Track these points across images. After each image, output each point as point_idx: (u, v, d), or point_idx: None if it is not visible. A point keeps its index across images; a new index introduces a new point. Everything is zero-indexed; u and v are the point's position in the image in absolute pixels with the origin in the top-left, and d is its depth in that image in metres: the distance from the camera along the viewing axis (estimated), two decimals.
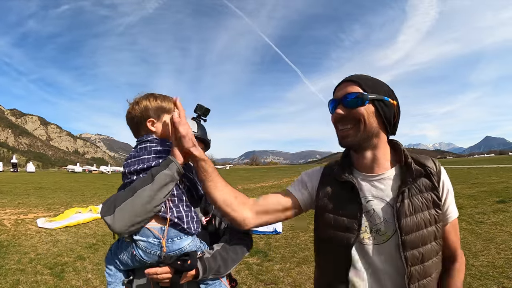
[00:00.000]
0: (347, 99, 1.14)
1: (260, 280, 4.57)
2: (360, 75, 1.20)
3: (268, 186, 21.35)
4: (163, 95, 1.42)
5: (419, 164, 1.16)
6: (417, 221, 1.09)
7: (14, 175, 41.05)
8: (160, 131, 1.38)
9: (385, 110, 1.15)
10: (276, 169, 78.62)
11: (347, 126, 1.17)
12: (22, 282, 4.58)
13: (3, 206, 12.10)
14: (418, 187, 1.13)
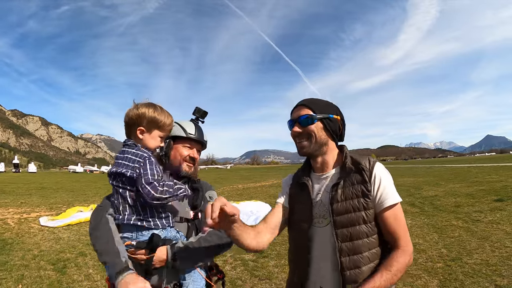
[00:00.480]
0: (301, 119, 1.50)
1: (255, 275, 4.72)
2: (311, 99, 1.55)
3: (268, 185, 21.48)
4: (162, 110, 1.58)
5: (355, 163, 1.45)
6: (346, 206, 1.40)
7: (16, 176, 41.34)
8: (145, 141, 1.56)
9: (331, 125, 1.51)
10: (277, 168, 78.62)
11: (303, 140, 1.52)
12: (26, 277, 4.79)
13: (6, 205, 12.33)
14: (350, 181, 1.43)
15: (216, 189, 2.86)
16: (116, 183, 1.53)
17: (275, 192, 16.81)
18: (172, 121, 1.64)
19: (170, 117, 1.62)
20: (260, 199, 12.67)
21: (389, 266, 1.33)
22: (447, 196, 11.43)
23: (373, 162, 1.45)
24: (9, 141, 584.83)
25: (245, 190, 19.09)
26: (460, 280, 4.16)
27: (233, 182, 26.63)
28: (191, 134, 1.75)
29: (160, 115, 1.55)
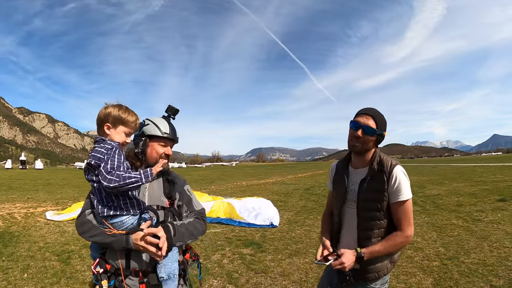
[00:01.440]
0: (367, 129, 1.91)
1: (251, 269, 4.86)
2: (377, 112, 1.97)
3: (271, 183, 21.61)
4: (127, 109, 1.77)
5: (380, 164, 1.92)
6: (368, 197, 1.93)
7: (23, 172, 41.86)
8: (112, 136, 1.73)
9: (380, 139, 1.97)
10: (282, 166, 78.63)
11: (358, 142, 1.95)
12: (31, 267, 5.01)
13: (13, 201, 12.64)
14: (374, 178, 1.92)
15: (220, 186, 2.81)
16: (89, 177, 1.70)
17: (278, 189, 16.95)
18: (136, 120, 1.80)
19: (134, 115, 1.79)
20: (263, 195, 12.79)
21: (388, 239, 1.89)
22: (449, 195, 11.49)
23: (392, 166, 1.90)
24: (16, 138, 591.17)
25: (248, 187, 19.27)
26: (455, 279, 4.18)
27: (237, 179, 26.80)
28: (166, 133, 1.91)
29: (124, 113, 1.73)
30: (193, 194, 2.11)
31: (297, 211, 9.78)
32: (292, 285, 4.25)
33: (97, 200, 1.71)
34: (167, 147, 1.94)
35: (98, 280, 1.78)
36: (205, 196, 11.58)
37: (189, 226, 1.88)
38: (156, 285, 1.77)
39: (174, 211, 1.94)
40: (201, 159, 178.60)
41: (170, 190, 1.94)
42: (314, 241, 6.26)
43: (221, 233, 7.12)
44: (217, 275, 4.65)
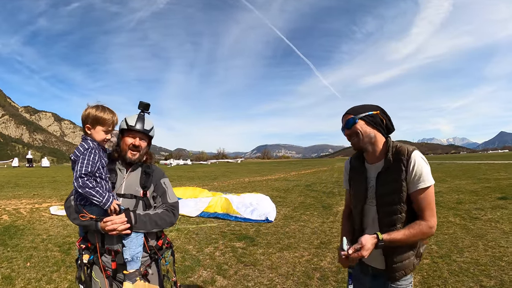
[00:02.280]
0: (347, 124, 1.87)
1: (241, 261, 5.08)
2: (352, 107, 1.92)
3: (274, 179, 21.85)
4: (104, 109, 2.01)
5: (396, 153, 1.80)
6: (387, 191, 1.81)
7: (29, 170, 42.63)
8: (93, 135, 2.00)
9: (371, 119, 1.84)
10: (287, 162, 78.69)
11: (353, 138, 1.88)
12: (34, 256, 5.36)
13: (19, 197, 13.07)
14: (392, 170, 1.79)
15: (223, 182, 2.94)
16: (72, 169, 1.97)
17: (279, 185, 17.19)
18: (112, 117, 2.03)
19: (110, 114, 2.02)
20: (263, 191, 13.02)
21: (410, 228, 1.75)
22: (450, 193, 11.54)
23: (410, 152, 1.77)
24: (23, 137, 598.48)
25: (251, 183, 19.54)
26: (444, 278, 4.13)
27: (240, 176, 27.13)
28: (132, 125, 2.10)
29: (100, 113, 1.98)
30: (169, 187, 2.31)
31: (294, 207, 10.00)
32: (279, 277, 4.41)
33: (75, 189, 1.98)
34: (135, 139, 2.14)
35: (80, 254, 2.10)
36: (205, 192, 11.89)
37: (154, 216, 2.09)
38: (125, 263, 2.05)
39: (146, 201, 2.17)
40: (207, 156, 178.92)
41: (145, 181, 2.18)
42: (307, 236, 6.46)
43: (217, 227, 7.39)
44: (207, 266, 4.91)
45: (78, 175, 1.85)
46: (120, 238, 2.01)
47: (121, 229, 1.93)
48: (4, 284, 4.24)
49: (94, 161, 1.92)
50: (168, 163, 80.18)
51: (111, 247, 2.05)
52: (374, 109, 1.86)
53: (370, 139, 1.84)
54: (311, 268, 4.73)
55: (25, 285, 4.23)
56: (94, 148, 1.95)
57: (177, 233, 6.92)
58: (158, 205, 2.23)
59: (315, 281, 4.29)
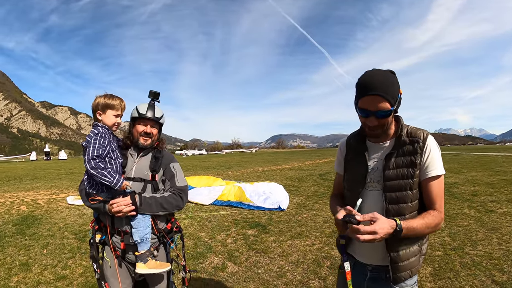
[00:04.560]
0: (380, 114, 1.52)
1: (252, 248, 5.15)
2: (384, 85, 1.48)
3: (288, 169, 21.84)
4: (112, 96, 2.14)
5: (410, 135, 1.60)
6: (396, 174, 1.59)
7: (47, 163, 43.87)
8: (104, 120, 2.11)
9: (398, 106, 1.59)
10: (302, 152, 78.50)
11: (377, 130, 1.60)
12: (51, 244, 5.58)
13: (37, 189, 13.49)
14: (403, 151, 1.60)
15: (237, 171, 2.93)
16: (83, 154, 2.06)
17: (293, 174, 17.20)
18: (120, 102, 2.15)
19: (118, 99, 2.15)
20: (277, 181, 13.05)
21: (424, 217, 1.55)
22: (466, 184, 11.32)
23: (426, 135, 1.59)
24: (40, 131, 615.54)
25: (264, 172, 19.62)
26: (456, 270, 4.06)
27: (254, 165, 27.22)
28: (143, 113, 2.21)
29: (109, 99, 2.11)
30: (178, 171, 2.37)
31: (307, 196, 10.00)
32: (289, 265, 4.46)
33: (86, 176, 2.10)
34: (146, 126, 2.23)
35: (93, 234, 2.26)
36: (219, 180, 12.06)
37: (160, 199, 2.16)
38: (133, 244, 2.15)
39: (155, 184, 2.25)
40: (221, 146, 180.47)
41: (154, 165, 2.26)
42: (319, 225, 6.46)
43: (230, 215, 7.50)
44: (219, 253, 5.00)
45: (90, 157, 1.93)
46: (129, 220, 2.10)
47: (126, 211, 2.01)
48: (22, 270, 4.42)
49: (104, 144, 2.01)
50: (183, 153, 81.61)
51: (120, 228, 2.15)
52: (398, 87, 1.55)
53: (388, 125, 1.62)
54: (322, 256, 4.75)
55: (41, 271, 4.41)
56: (104, 133, 2.05)
57: (190, 221, 7.05)
58: (167, 188, 2.29)
59: (325, 269, 4.31)
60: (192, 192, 9.63)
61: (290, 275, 4.16)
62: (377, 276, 1.71)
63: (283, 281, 4.01)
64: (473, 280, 3.80)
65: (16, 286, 3.98)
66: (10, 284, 4.03)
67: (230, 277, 4.13)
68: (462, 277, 3.89)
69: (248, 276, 4.16)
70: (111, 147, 2.07)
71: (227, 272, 4.28)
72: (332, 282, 3.90)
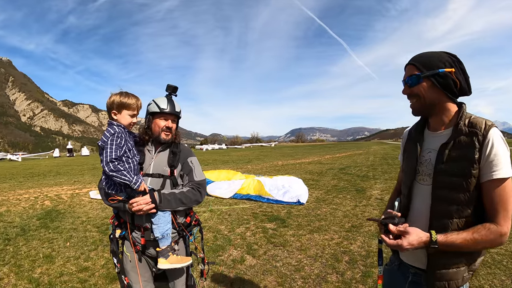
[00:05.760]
0: (408, 80, 1.50)
1: (271, 242, 5.19)
2: (419, 55, 1.50)
3: (307, 162, 21.72)
4: (127, 94, 2.10)
5: (470, 125, 1.39)
6: (449, 169, 1.40)
7: (70, 159, 45.23)
8: (119, 120, 2.10)
9: (440, 81, 1.42)
10: (321, 146, 77.81)
11: (413, 100, 1.52)
12: (73, 237, 5.79)
13: (61, 184, 13.96)
14: (460, 143, 1.39)
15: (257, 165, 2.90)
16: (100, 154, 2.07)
17: (312, 168, 17.09)
18: (136, 101, 2.13)
19: (134, 98, 2.12)
20: (296, 174, 13.02)
21: (474, 231, 1.34)
22: None
23: (488, 126, 1.37)
24: (62, 129, 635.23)
25: (284, 166, 19.58)
26: None
27: (273, 159, 27.22)
28: (164, 108, 2.21)
29: (124, 98, 2.08)
30: (196, 165, 2.39)
31: (327, 190, 9.93)
32: (307, 259, 4.46)
33: (104, 177, 2.14)
34: (167, 121, 2.25)
35: (113, 229, 2.32)
36: (238, 174, 12.19)
37: (179, 195, 2.19)
38: (153, 240, 2.19)
39: (174, 180, 2.27)
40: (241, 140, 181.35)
41: (173, 160, 2.28)
42: (338, 219, 6.42)
43: (249, 209, 7.56)
44: (238, 245, 5.06)
45: (108, 160, 1.95)
46: (149, 216, 2.14)
47: (146, 209, 2.06)
48: (45, 262, 4.61)
49: (120, 145, 2.02)
50: (203, 147, 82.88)
51: (141, 224, 2.19)
52: (446, 65, 1.42)
53: (432, 105, 1.48)
54: (340, 251, 4.72)
55: (64, 263, 4.59)
56: (120, 132, 2.05)
57: (210, 214, 7.15)
58: (185, 183, 2.32)
59: (343, 264, 4.28)
60: (212, 186, 9.78)
61: (308, 269, 4.16)
62: (418, 281, 1.57)
63: (301, 275, 4.01)
64: (492, 279, 3.72)
65: (40, 277, 4.15)
66: (34, 275, 4.21)
67: (248, 270, 4.17)
68: (482, 275, 3.81)
69: (266, 269, 4.19)
70: (128, 146, 2.08)
71: (246, 265, 4.32)
72: (350, 277, 3.88)
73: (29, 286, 3.93)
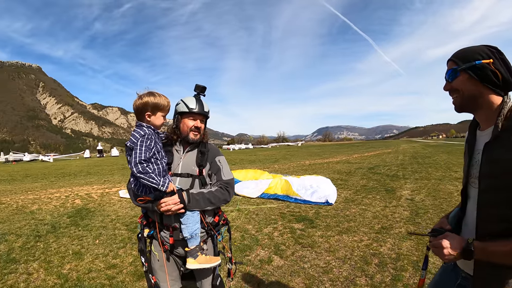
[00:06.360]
0: (447, 76, 1.45)
1: (299, 243, 5.09)
2: (459, 50, 1.45)
3: (335, 162, 21.39)
4: (160, 95, 2.07)
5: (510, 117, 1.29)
6: (493, 168, 1.28)
7: (100, 160, 46.90)
8: (153, 121, 2.08)
9: (478, 73, 1.33)
10: (349, 145, 76.52)
11: (454, 96, 1.45)
12: (103, 235, 5.94)
13: (91, 183, 14.48)
14: (501, 141, 1.28)
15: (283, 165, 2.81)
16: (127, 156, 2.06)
17: (340, 168, 16.80)
18: (169, 102, 2.12)
19: (167, 99, 2.10)
20: (324, 174, 12.82)
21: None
22: None
23: None
24: (92, 131, 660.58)
25: (311, 166, 19.40)
26: None
27: (300, 159, 27.08)
28: (193, 108, 2.20)
29: (159, 100, 2.05)
30: (224, 165, 2.37)
31: (356, 190, 9.70)
32: (336, 261, 4.35)
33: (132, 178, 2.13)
34: (196, 121, 2.24)
35: (142, 229, 2.32)
36: (265, 174, 12.14)
37: (207, 194, 2.17)
38: (182, 240, 2.18)
39: (202, 179, 2.26)
40: (267, 139, 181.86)
41: (201, 160, 2.27)
42: (368, 220, 6.24)
43: (276, 208, 7.50)
44: (265, 246, 5.00)
45: (137, 161, 1.94)
46: (178, 216, 2.13)
47: (175, 209, 2.04)
48: (74, 259, 4.75)
49: (150, 147, 2.01)
50: (230, 147, 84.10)
51: (169, 224, 2.18)
52: (483, 56, 1.33)
53: (472, 99, 1.38)
54: (370, 253, 4.57)
55: (92, 259, 4.71)
56: (150, 134, 2.04)
57: (237, 213, 7.16)
58: (213, 182, 2.30)
59: (372, 267, 4.13)
60: (239, 185, 9.79)
61: (337, 271, 4.05)
62: (466, 285, 1.49)
63: (329, 277, 3.91)
64: None
65: (68, 273, 4.28)
66: (63, 271, 4.34)
67: (275, 271, 4.11)
68: None
69: (294, 270, 4.11)
70: (157, 148, 2.07)
71: (273, 265, 4.26)
72: (379, 281, 3.74)
73: (57, 282, 4.04)
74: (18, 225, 6.96)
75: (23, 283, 4.06)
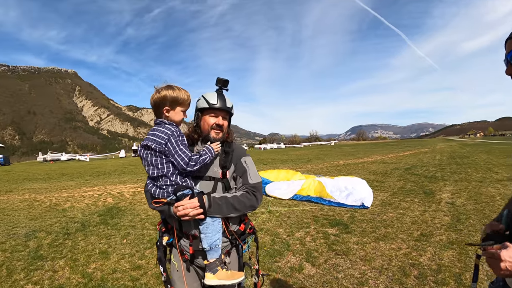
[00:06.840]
0: (509, 57, 1.24)
1: (332, 249, 4.79)
2: None
3: (370, 162, 20.69)
4: (179, 89, 1.90)
5: None
6: None
7: (135, 159, 48.34)
8: (172, 117, 1.91)
9: None
10: (384, 144, 74.22)
11: None
12: (131, 234, 5.94)
13: (124, 182, 14.84)
14: None
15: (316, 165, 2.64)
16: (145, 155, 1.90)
17: (376, 168, 16.19)
18: (189, 96, 1.93)
19: (186, 93, 1.92)
20: (359, 175, 12.39)
21: None
22: None
23: None
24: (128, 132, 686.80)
25: (345, 166, 18.86)
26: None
27: (334, 159, 26.51)
28: (213, 104, 2.01)
29: (178, 94, 1.88)
30: (251, 166, 2.15)
31: (393, 192, 9.20)
32: (371, 271, 4.04)
33: (149, 179, 1.98)
34: (218, 118, 2.05)
35: (160, 236, 2.13)
36: (298, 174, 11.84)
37: (231, 199, 1.94)
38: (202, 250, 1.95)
39: (226, 183, 2.04)
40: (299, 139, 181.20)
41: (225, 161, 2.05)
42: (406, 226, 5.81)
43: (309, 211, 7.21)
44: (296, 252, 4.75)
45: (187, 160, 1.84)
46: (197, 223, 1.92)
47: (193, 214, 1.83)
48: (100, 258, 4.74)
49: (185, 142, 1.90)
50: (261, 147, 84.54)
51: (189, 232, 1.98)
52: None
53: None
54: (408, 263, 4.19)
55: (118, 259, 4.68)
56: (177, 130, 1.90)
57: (268, 215, 6.92)
58: (238, 186, 2.07)
59: (411, 279, 3.76)
60: (270, 186, 9.56)
61: (373, 283, 3.72)
62: None
63: None
64: None
65: (93, 272, 4.26)
66: (88, 270, 4.34)
67: (306, 280, 3.85)
68: None
69: (326, 280, 3.83)
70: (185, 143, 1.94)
71: (304, 274, 4.00)
72: None
73: (81, 281, 4.03)
74: (49, 222, 7.16)
75: (47, 280, 4.09)
